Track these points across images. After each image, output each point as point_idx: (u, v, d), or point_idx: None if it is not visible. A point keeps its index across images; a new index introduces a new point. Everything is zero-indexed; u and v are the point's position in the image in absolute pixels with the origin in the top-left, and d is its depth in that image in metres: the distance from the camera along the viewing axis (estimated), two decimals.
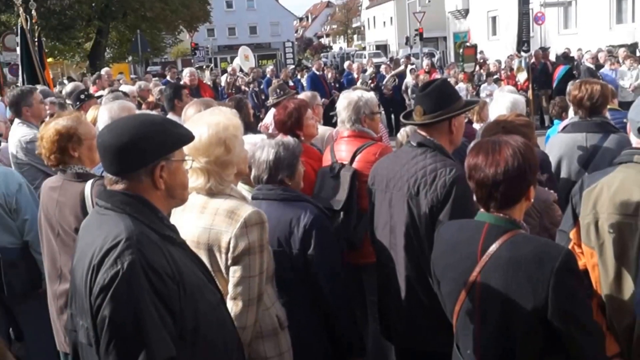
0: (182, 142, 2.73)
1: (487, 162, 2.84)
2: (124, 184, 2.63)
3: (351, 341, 4.03)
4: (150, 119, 2.75)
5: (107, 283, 2.42)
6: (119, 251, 2.44)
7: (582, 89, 5.00)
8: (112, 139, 2.60)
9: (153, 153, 2.61)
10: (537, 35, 30.91)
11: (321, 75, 20.20)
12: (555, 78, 18.69)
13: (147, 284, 2.43)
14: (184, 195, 2.82)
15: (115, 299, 2.41)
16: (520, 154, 2.82)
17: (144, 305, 2.42)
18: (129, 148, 2.57)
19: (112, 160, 2.62)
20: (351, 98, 5.19)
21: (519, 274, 2.73)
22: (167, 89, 8.34)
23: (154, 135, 2.61)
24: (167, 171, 2.65)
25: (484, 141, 2.99)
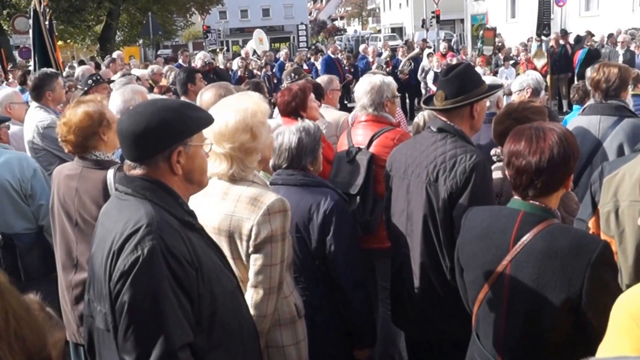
0: (200, 126, 2.72)
1: (530, 149, 2.77)
2: (142, 169, 2.65)
3: (364, 330, 4.03)
4: (168, 104, 2.75)
5: (127, 269, 2.44)
6: (139, 237, 2.46)
7: (600, 71, 4.95)
8: (130, 125, 2.61)
9: (169, 138, 2.61)
10: (557, 18, 30.52)
11: (336, 59, 20.13)
12: (576, 62, 18.45)
13: (166, 270, 2.45)
14: (203, 180, 2.82)
15: (135, 285, 2.43)
16: (566, 141, 2.77)
17: (163, 291, 2.44)
18: (146, 134, 2.58)
19: (131, 146, 2.63)
20: (374, 82, 5.13)
21: (553, 265, 2.68)
22: (180, 72, 8.30)
23: (170, 121, 2.61)
24: (184, 156, 2.65)
25: (526, 127, 2.91)
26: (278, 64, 21.32)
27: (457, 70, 3.93)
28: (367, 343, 4.11)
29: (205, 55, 16.90)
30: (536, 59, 18.34)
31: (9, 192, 4.99)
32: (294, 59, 23.23)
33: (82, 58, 33.08)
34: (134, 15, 40.49)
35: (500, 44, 22.83)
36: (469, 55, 24.25)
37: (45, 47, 11.13)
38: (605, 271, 2.67)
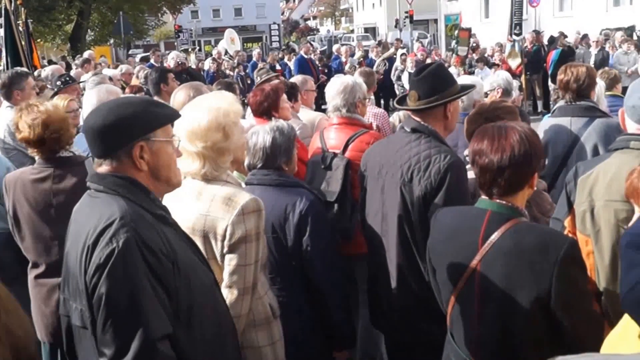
0: (162, 122, 2.72)
1: (492, 148, 2.79)
2: (107, 165, 2.65)
3: (343, 331, 4.02)
4: (129, 101, 2.78)
5: (102, 261, 2.44)
6: (113, 230, 2.46)
7: (567, 72, 4.98)
8: (93, 122, 2.63)
9: (129, 133, 2.62)
10: (531, 18, 30.68)
11: (309, 59, 20.11)
12: (550, 62, 18.58)
13: (142, 262, 2.46)
14: (171, 178, 2.80)
15: (112, 277, 2.43)
16: (527, 140, 2.78)
17: (140, 283, 2.44)
18: (107, 130, 2.59)
19: (94, 142, 2.65)
20: (347, 82, 5.10)
21: (522, 263, 2.70)
22: (152, 72, 8.27)
23: (129, 116, 2.61)
24: (148, 152, 2.65)
25: (490, 126, 2.93)
26: (251, 64, 21.24)
27: (429, 70, 3.92)
28: (346, 344, 4.11)
29: (177, 55, 16.81)
30: (510, 59, 18.42)
31: None
32: (267, 59, 23.15)
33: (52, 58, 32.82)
34: (105, 15, 40.21)
35: (475, 44, 22.91)
36: (443, 55, 24.34)
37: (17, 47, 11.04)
38: (573, 269, 2.69)
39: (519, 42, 17.97)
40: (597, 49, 19.24)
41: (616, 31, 22.98)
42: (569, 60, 15.98)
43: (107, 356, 2.44)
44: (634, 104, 3.17)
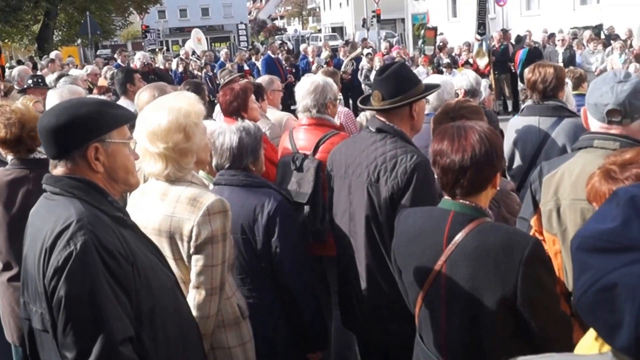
0: (117, 123, 2.70)
1: (453, 148, 2.78)
2: (62, 166, 2.65)
3: (315, 333, 4.01)
4: (83, 102, 2.76)
5: (61, 264, 2.43)
6: (71, 232, 2.46)
7: (535, 72, 4.98)
8: (46, 122, 2.62)
9: (83, 135, 2.61)
10: (499, 17, 30.82)
11: (276, 59, 20.05)
12: (518, 62, 18.62)
13: (101, 264, 2.45)
14: (128, 179, 2.79)
15: (70, 280, 2.42)
16: (487, 139, 2.77)
17: (99, 285, 2.43)
18: (60, 130, 2.59)
19: (48, 143, 2.65)
20: (317, 82, 5.03)
21: (486, 264, 2.68)
22: (118, 73, 8.28)
23: (83, 117, 2.60)
24: (103, 153, 2.64)
25: (449, 126, 2.92)
26: (218, 64, 21.14)
27: (392, 70, 3.91)
28: (319, 346, 4.09)
29: (144, 56, 16.75)
30: (478, 58, 18.47)
31: None
32: (234, 59, 23.06)
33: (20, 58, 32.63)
34: (72, 15, 40.12)
35: (442, 43, 22.98)
36: (411, 54, 24.40)
37: None
38: (538, 268, 2.68)
39: (486, 41, 18.03)
40: (563, 47, 19.24)
41: (584, 30, 23.19)
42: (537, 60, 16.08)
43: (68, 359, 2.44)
44: (596, 102, 3.18)
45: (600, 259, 1.26)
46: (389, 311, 3.88)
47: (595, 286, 1.26)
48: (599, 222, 1.32)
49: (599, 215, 1.35)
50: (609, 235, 1.27)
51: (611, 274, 1.23)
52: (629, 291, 1.20)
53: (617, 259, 1.24)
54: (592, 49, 18.45)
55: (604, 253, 1.26)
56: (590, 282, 1.27)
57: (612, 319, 1.24)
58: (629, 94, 3.09)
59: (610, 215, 1.30)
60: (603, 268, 1.25)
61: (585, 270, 1.29)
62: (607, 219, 1.30)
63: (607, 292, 1.24)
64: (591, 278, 1.27)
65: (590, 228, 1.33)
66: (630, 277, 1.21)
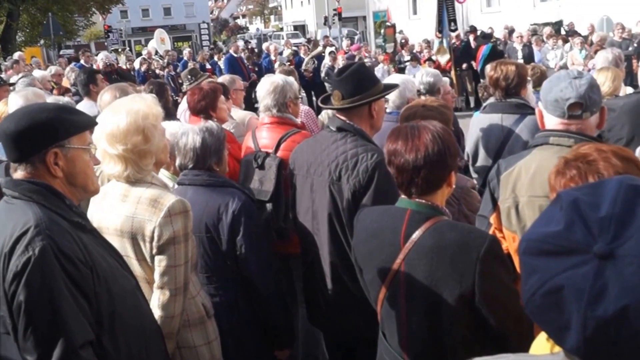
0: (76, 129, 2.72)
1: (406, 148, 2.81)
2: (23, 170, 2.66)
3: (281, 330, 4.04)
4: (44, 107, 2.78)
5: (20, 269, 2.45)
6: (29, 238, 2.47)
7: (497, 69, 5.01)
8: (7, 126, 2.64)
9: (42, 140, 2.63)
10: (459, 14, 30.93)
11: (239, 58, 19.96)
12: (479, 58, 18.67)
13: (60, 269, 2.47)
14: (87, 184, 2.81)
15: (29, 285, 2.44)
16: (440, 139, 2.80)
17: (58, 290, 2.46)
18: (20, 135, 2.60)
19: (8, 147, 2.66)
20: (276, 82, 5.05)
21: (444, 261, 2.70)
22: (81, 74, 8.20)
23: (43, 122, 2.62)
24: (63, 158, 2.66)
25: (402, 126, 2.96)
26: (182, 64, 21.04)
27: (351, 70, 3.94)
28: (285, 343, 4.12)
29: (107, 56, 16.60)
30: (439, 55, 18.53)
31: None
32: (197, 58, 22.94)
33: None
34: (35, 16, 39.74)
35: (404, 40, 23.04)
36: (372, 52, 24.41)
37: None
38: (495, 265, 2.70)
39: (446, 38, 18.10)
40: (521, 44, 19.35)
41: (544, 26, 23.30)
42: (499, 56, 16.13)
43: None
44: (556, 97, 3.19)
45: (546, 262, 1.29)
46: (354, 308, 3.90)
47: (542, 289, 1.28)
48: (544, 226, 1.34)
49: (544, 219, 1.38)
50: (554, 238, 1.30)
51: (557, 277, 1.26)
52: (575, 293, 1.23)
53: (562, 262, 1.26)
54: (552, 45, 18.56)
55: (550, 256, 1.29)
56: (538, 285, 1.29)
57: (560, 321, 1.26)
58: (587, 88, 3.13)
59: (554, 218, 1.33)
60: (549, 271, 1.28)
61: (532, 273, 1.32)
62: (551, 222, 1.33)
63: (554, 294, 1.26)
64: (538, 281, 1.29)
65: (536, 231, 1.36)
66: (575, 280, 1.24)
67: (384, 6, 37.56)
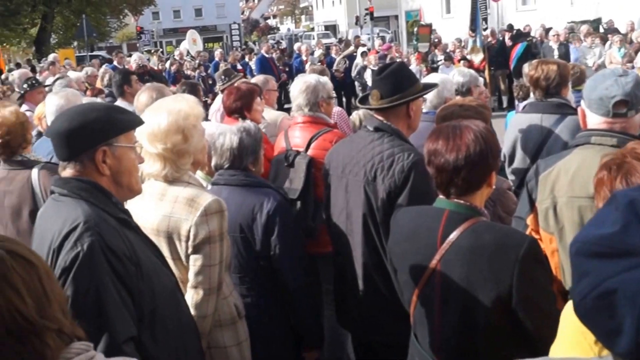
0: (124, 128, 2.78)
1: (447, 147, 2.77)
2: (71, 168, 2.71)
3: (311, 331, 4.02)
4: (93, 106, 2.87)
5: (68, 265, 2.49)
6: (77, 234, 2.52)
7: (538, 69, 4.92)
8: (58, 125, 2.70)
9: (92, 138, 2.68)
10: (494, 13, 30.51)
11: (270, 58, 20.02)
12: (513, 57, 18.41)
13: (107, 265, 2.51)
14: (132, 183, 2.85)
15: (77, 280, 2.49)
16: (482, 139, 2.76)
17: (105, 286, 2.50)
18: (70, 134, 2.66)
19: (58, 145, 2.71)
20: (309, 82, 5.07)
21: (481, 263, 2.67)
22: (115, 75, 8.29)
23: (93, 121, 2.68)
24: (111, 156, 2.71)
25: (444, 126, 2.92)
26: (213, 64, 21.13)
27: (390, 69, 3.92)
28: (314, 344, 4.11)
29: (140, 57, 16.73)
30: (473, 55, 18.31)
31: None
32: (228, 59, 23.02)
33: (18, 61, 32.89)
34: (68, 18, 40.62)
35: (437, 40, 22.86)
36: (405, 52, 24.28)
37: None
38: (533, 268, 2.66)
39: (480, 37, 17.91)
40: (557, 43, 18.77)
41: (581, 24, 22.87)
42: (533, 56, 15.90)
43: None
44: (601, 96, 3.13)
45: (600, 264, 1.25)
46: (384, 309, 3.88)
47: (594, 292, 1.24)
48: (598, 227, 1.30)
49: (598, 220, 1.33)
50: (608, 240, 1.26)
51: (611, 280, 1.22)
52: (629, 297, 1.19)
53: (616, 265, 1.22)
54: (590, 44, 18.08)
55: (603, 258, 1.25)
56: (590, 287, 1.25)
57: (612, 325, 1.23)
58: (633, 85, 3.08)
59: (609, 219, 1.29)
60: (602, 273, 1.24)
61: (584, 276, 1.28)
62: (606, 223, 1.29)
63: (606, 297, 1.22)
64: (590, 284, 1.25)
65: (589, 233, 1.31)
66: (630, 283, 1.20)
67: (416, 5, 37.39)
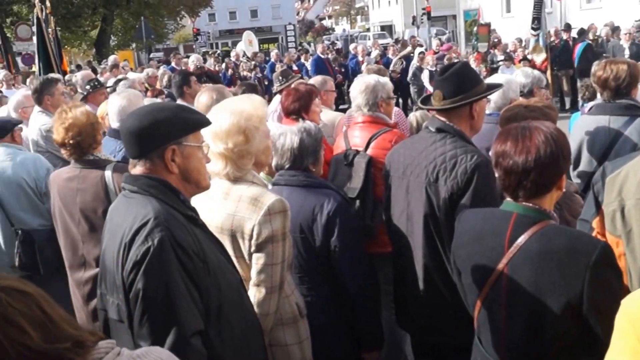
0: (193, 127, 2.84)
1: (516, 149, 2.71)
2: (141, 166, 2.79)
3: (371, 332, 4.01)
4: (163, 106, 3.00)
5: (139, 259, 2.57)
6: (148, 229, 2.60)
7: (607, 69, 4.80)
8: (130, 124, 2.78)
9: (162, 137, 2.75)
10: (557, 11, 29.79)
11: (326, 59, 20.01)
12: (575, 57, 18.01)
13: (176, 261, 2.59)
14: (200, 181, 2.91)
15: (148, 274, 2.56)
16: (553, 140, 2.70)
17: (174, 280, 2.58)
18: (142, 132, 2.74)
19: (129, 143, 2.80)
20: (368, 82, 5.08)
21: (550, 267, 2.62)
22: (175, 76, 8.47)
23: (163, 120, 2.75)
24: (179, 155, 2.78)
25: (512, 127, 2.85)
26: (269, 65, 21.23)
27: (454, 69, 3.88)
28: (374, 345, 4.09)
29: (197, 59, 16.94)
30: (535, 54, 17.97)
31: (26, 190, 5.38)
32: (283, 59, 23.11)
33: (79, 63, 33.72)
34: (127, 20, 41.54)
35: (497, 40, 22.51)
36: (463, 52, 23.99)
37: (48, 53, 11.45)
38: (606, 274, 2.59)
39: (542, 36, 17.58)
40: (629, 42, 18.08)
41: None
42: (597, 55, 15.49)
43: None
44: None
45: None
46: (445, 311, 3.85)
47: None
48: None
49: None
50: None
51: None
52: None
53: None
54: None
55: None
56: None
57: None
58: None
59: None
60: None
61: None
62: None
63: None
64: None
65: None
66: None
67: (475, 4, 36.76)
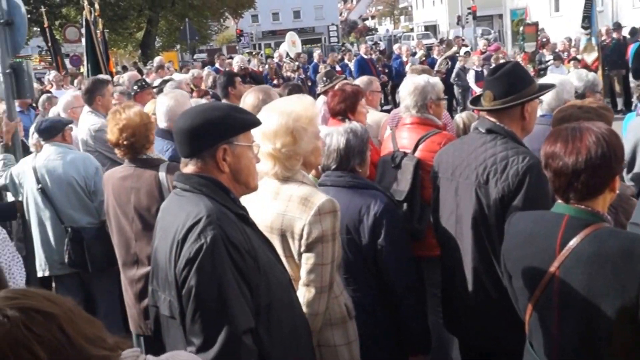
0: (244, 127, 2.88)
1: (566, 150, 2.66)
2: (193, 165, 2.84)
3: (418, 336, 3.98)
4: (215, 106, 3.08)
5: (192, 256, 2.61)
6: (201, 227, 2.63)
7: None
8: (183, 123, 2.83)
9: (214, 136, 2.79)
10: (608, 10, 29.27)
11: (369, 59, 19.95)
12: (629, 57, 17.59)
13: (228, 258, 2.62)
14: (249, 181, 2.95)
15: (201, 271, 2.59)
16: (605, 141, 2.64)
17: (227, 278, 2.60)
18: (194, 131, 2.78)
19: (182, 143, 2.85)
20: (417, 82, 5.05)
21: (604, 271, 2.56)
22: (221, 77, 8.56)
23: (215, 120, 2.79)
24: (230, 154, 2.81)
25: (563, 127, 2.81)
26: (312, 66, 21.28)
27: (505, 69, 3.83)
28: (421, 349, 4.06)
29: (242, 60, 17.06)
30: (586, 53, 17.64)
31: (75, 189, 5.60)
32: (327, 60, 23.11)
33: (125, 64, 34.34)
34: (172, 22, 42.24)
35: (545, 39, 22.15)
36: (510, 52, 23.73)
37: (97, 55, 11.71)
38: None
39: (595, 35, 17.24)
40: None
41: None
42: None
43: (195, 345, 2.60)
44: None
45: None
46: (495, 315, 3.79)
47: None
48: None
49: None
50: None
51: None
52: None
53: None
54: None
55: None
56: None
57: None
58: None
59: None
60: None
61: None
62: None
63: None
64: None
65: None
66: None
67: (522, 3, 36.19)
